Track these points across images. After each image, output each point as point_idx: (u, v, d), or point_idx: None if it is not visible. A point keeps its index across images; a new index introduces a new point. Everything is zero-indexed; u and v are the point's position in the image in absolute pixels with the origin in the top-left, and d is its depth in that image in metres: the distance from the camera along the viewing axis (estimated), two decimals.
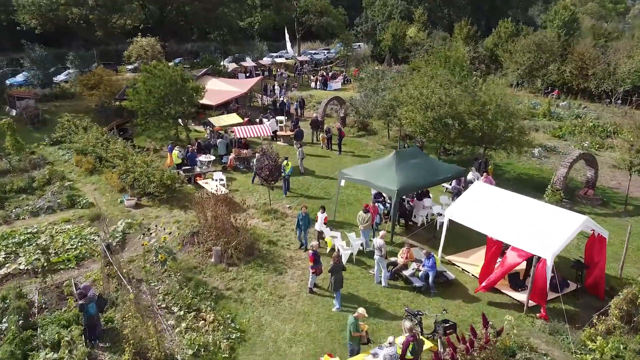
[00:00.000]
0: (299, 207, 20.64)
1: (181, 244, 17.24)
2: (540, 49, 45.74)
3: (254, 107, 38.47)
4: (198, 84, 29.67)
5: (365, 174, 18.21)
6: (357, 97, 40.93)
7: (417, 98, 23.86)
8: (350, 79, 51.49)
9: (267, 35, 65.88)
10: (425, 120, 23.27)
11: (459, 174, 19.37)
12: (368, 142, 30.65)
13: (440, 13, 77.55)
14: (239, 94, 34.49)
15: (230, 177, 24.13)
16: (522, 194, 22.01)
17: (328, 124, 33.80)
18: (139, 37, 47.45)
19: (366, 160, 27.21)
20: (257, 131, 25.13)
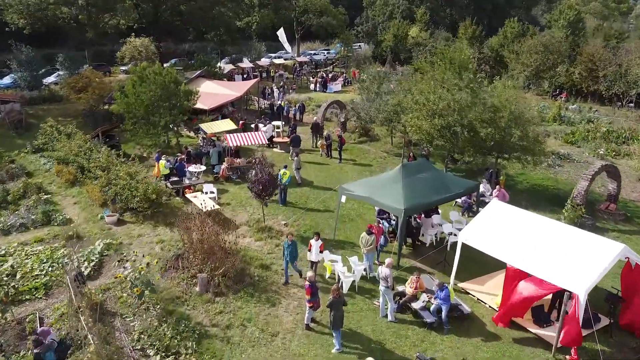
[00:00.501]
0: (295, 223, 18.87)
1: (164, 268, 15.41)
2: (548, 50, 43.90)
3: (251, 111, 36.62)
4: (191, 88, 27.82)
5: (369, 189, 16.36)
6: (358, 100, 39.23)
7: (424, 104, 22.02)
8: (350, 80, 49.67)
9: (266, 35, 63.96)
10: (432, 128, 21.43)
11: (472, 189, 17.51)
12: (370, 148, 28.80)
13: (443, 13, 75.65)
14: (234, 97, 32.65)
15: (222, 188, 22.29)
16: (538, 209, 20.62)
17: (328, 129, 31.97)
18: (132, 37, 45.75)
19: (368, 168, 25.38)
20: (251, 139, 23.28)
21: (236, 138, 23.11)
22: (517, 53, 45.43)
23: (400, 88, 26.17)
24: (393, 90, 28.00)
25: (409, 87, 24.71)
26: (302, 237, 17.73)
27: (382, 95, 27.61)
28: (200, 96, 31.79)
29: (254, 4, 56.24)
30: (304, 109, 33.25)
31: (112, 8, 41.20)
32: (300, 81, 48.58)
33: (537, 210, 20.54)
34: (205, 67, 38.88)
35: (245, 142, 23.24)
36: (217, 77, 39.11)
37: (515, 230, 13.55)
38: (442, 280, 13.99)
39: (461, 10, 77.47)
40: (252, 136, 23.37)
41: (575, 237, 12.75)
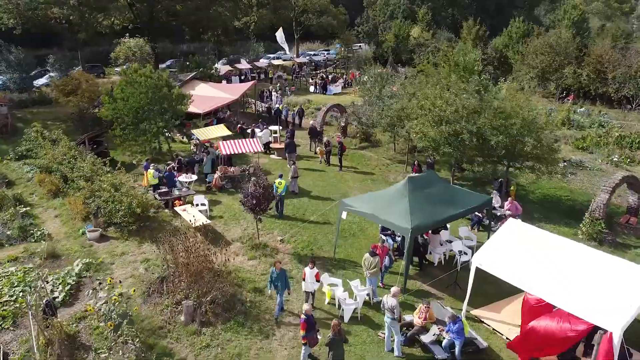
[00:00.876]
0: (292, 239, 17.41)
1: (146, 292, 13.96)
2: (555, 50, 42.45)
3: (247, 114, 35.14)
4: (184, 91, 26.34)
5: (372, 205, 14.89)
6: (359, 103, 37.76)
7: (429, 110, 20.55)
8: (350, 82, 48.18)
9: (265, 36, 62.46)
10: (438, 135, 19.96)
11: (486, 204, 16.03)
12: (372, 155, 27.32)
13: (444, 12, 74.14)
14: (230, 100, 31.17)
15: (214, 199, 20.83)
16: (552, 222, 19.17)
17: (327, 134, 30.50)
18: (126, 37, 44.36)
19: (370, 177, 23.90)
20: (245, 146, 21.80)
21: (229, 145, 21.64)
22: (523, 54, 43.98)
23: (404, 92, 24.66)
24: (396, 94, 26.52)
25: (414, 91, 23.21)
26: (299, 255, 16.30)
27: (385, 99, 26.12)
28: (194, 100, 30.43)
29: (252, 3, 54.79)
30: (303, 114, 31.69)
31: (105, 8, 39.70)
32: (299, 83, 47.09)
33: (552, 224, 19.17)
34: (200, 69, 37.39)
35: (239, 150, 21.76)
36: (212, 79, 37.63)
37: (536, 254, 12.08)
38: (453, 306, 12.58)
39: (463, 10, 76.00)
40: (246, 143, 21.90)
41: (604, 263, 11.30)
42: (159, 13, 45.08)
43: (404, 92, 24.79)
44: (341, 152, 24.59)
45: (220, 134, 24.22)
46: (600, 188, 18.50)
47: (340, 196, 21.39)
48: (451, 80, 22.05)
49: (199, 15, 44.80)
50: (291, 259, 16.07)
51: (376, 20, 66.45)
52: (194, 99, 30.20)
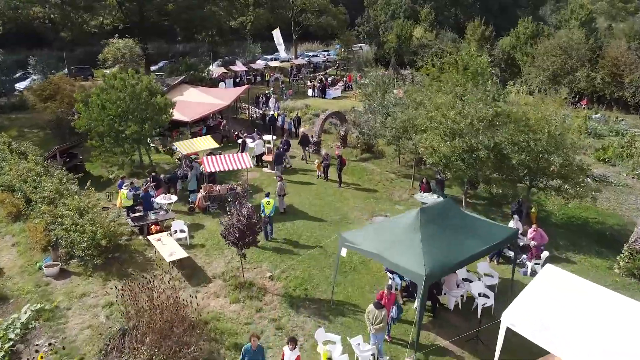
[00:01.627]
0: (284, 275, 14.89)
1: (104, 351, 11.43)
2: (566, 52, 39.90)
3: (241, 121, 32.58)
4: (172, 97, 23.81)
5: (377, 243, 12.33)
6: (360, 108, 35.20)
7: (440, 122, 17.99)
8: (350, 85, 45.60)
9: (262, 36, 59.85)
10: (451, 151, 17.40)
11: (512, 237, 13.48)
12: (374, 168, 24.76)
13: (447, 12, 71.53)
14: (220, 107, 28.62)
15: (197, 223, 18.32)
16: (580, 252, 16.63)
17: (326, 143, 27.96)
18: (115, 38, 41.80)
19: (373, 195, 21.34)
20: (232, 162, 19.26)
21: (214, 162, 19.10)
22: (533, 56, 41.41)
23: (410, 99, 22.07)
24: (401, 100, 23.96)
25: (421, 100, 20.63)
26: (291, 297, 13.77)
27: (389, 107, 23.58)
28: (182, 106, 27.95)
29: (248, 2, 52.22)
30: (300, 122, 28.99)
31: (90, 7, 37.16)
32: (297, 86, 44.50)
33: (582, 253, 16.69)
34: (191, 72, 34.82)
35: (226, 167, 19.20)
36: (204, 82, 35.07)
37: (578, 313, 9.58)
38: None
39: (466, 10, 73.38)
40: (234, 159, 19.35)
41: None
42: (150, 12, 42.59)
43: (409, 100, 22.18)
44: (340, 166, 22.03)
45: (206, 147, 21.67)
46: (632, 209, 15.94)
47: (340, 218, 18.93)
48: (466, 89, 19.41)
49: (191, 14, 42.27)
50: (281, 302, 13.53)
51: (377, 20, 63.82)
52: (181, 105, 27.82)
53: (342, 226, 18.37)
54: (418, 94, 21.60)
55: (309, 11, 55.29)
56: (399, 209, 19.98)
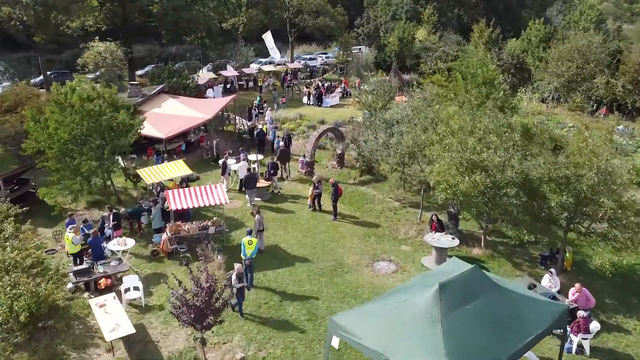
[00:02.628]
0: (260, 354, 11.40)
1: None
2: (584, 56, 36.33)
3: (227, 134, 29.00)
4: (136, 115, 20.29)
5: (382, 335, 8.85)
6: (359, 119, 31.70)
7: (458, 151, 14.47)
8: (349, 91, 42.07)
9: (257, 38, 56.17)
10: (471, 188, 13.88)
11: (563, 316, 9.98)
12: (375, 194, 21.21)
13: (450, 13, 67.90)
14: (202, 120, 25.07)
15: (160, 271, 14.85)
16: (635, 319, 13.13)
17: (320, 163, 24.45)
18: (95, 41, 38.29)
19: (374, 231, 17.82)
20: (204, 198, 15.74)
21: (180, 197, 15.56)
22: (546, 60, 37.84)
23: (418, 118, 18.45)
24: (407, 116, 20.40)
25: (433, 119, 17.03)
26: None
27: (393, 125, 20.06)
28: (158, 119, 24.52)
29: (241, 3, 48.63)
30: (290, 141, 25.12)
31: (66, 8, 33.57)
32: (291, 92, 40.90)
33: (634, 317, 13.16)
34: (174, 79, 31.26)
35: (196, 204, 15.68)
36: (187, 91, 31.54)
37: None
38: None
39: (470, 11, 69.77)
40: (206, 193, 15.83)
41: None
42: (132, 13, 39.01)
43: (418, 117, 18.56)
44: (336, 197, 18.48)
45: (177, 174, 18.16)
46: None
47: (334, 264, 15.46)
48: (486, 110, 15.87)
49: (176, 15, 38.64)
50: None
51: (377, 22, 60.21)
52: (157, 118, 24.38)
53: (337, 275, 14.94)
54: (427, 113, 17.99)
55: (306, 12, 51.66)
56: (406, 251, 16.51)
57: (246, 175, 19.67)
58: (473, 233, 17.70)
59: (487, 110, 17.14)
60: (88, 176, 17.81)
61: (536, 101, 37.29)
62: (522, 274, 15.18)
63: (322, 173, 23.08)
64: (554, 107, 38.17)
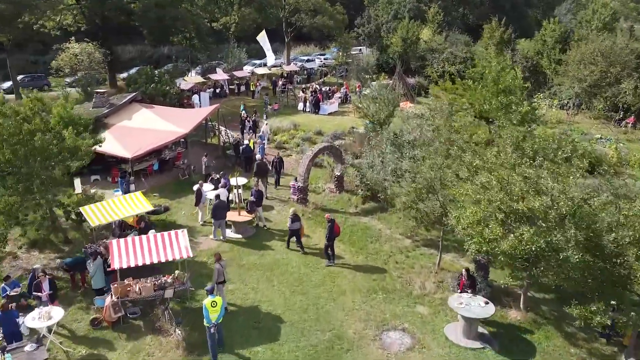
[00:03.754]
0: None
1: None
2: (608, 59, 32.44)
3: (210, 147, 25.07)
4: (87, 135, 16.34)
5: None
6: (360, 129, 27.82)
7: (498, 196, 10.53)
8: (350, 96, 38.14)
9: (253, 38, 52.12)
10: (517, 247, 9.97)
11: None
12: (382, 227, 17.31)
13: (455, 12, 63.90)
14: (177, 136, 21.13)
15: (101, 350, 10.98)
16: None
17: (315, 183, 20.55)
18: (71, 41, 34.42)
19: (381, 282, 13.94)
20: (159, 252, 11.84)
21: (128, 250, 11.66)
22: (566, 62, 33.94)
23: (439, 141, 14.41)
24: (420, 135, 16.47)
25: (457, 150, 13.01)
26: None
27: (405, 148, 16.14)
28: (126, 135, 20.70)
29: (233, 1, 44.60)
30: (282, 164, 20.91)
31: (29, 5, 29.63)
32: (286, 98, 36.91)
33: None
34: (153, 85, 27.33)
35: (146, 260, 11.76)
36: (168, 98, 27.63)
37: None
38: None
39: (476, 10, 65.76)
40: (163, 244, 11.92)
41: None
42: (112, 11, 35.05)
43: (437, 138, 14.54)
44: (331, 236, 14.61)
45: (132, 212, 14.24)
46: None
47: (330, 337, 11.67)
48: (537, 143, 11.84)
49: (160, 13, 34.69)
50: None
51: (378, 21, 56.21)
52: (124, 133, 20.56)
53: (334, 356, 11.07)
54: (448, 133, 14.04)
55: (303, 10, 47.66)
56: (423, 315, 12.65)
57: (215, 204, 15.83)
58: (508, 290, 13.80)
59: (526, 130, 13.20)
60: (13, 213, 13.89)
61: (555, 108, 33.41)
62: (579, 352, 11.34)
63: (318, 199, 19.21)
64: (574, 114, 34.26)
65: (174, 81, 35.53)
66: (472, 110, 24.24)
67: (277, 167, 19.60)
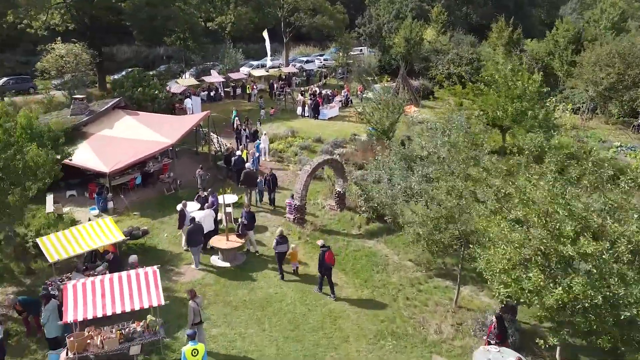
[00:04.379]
0: None
1: None
2: (625, 61, 30.32)
3: (201, 157, 22.98)
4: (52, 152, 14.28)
5: None
6: (363, 137, 25.77)
7: (543, 235, 8.43)
8: (351, 99, 36.07)
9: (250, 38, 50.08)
10: (566, 298, 7.89)
11: None
12: (388, 252, 15.22)
13: (459, 12, 61.76)
14: (162, 147, 19.00)
15: None
16: None
17: (314, 199, 18.46)
18: (57, 42, 32.36)
19: (390, 325, 11.85)
20: (123, 299, 9.74)
21: (86, 297, 9.56)
22: (580, 64, 31.82)
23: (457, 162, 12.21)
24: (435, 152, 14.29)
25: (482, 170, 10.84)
26: None
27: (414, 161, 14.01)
28: (105, 146, 18.67)
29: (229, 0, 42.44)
30: (276, 183, 18.28)
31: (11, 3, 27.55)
32: (284, 102, 34.75)
33: None
34: (140, 89, 25.22)
35: (109, 310, 9.66)
36: (156, 103, 25.55)
37: None
38: None
39: (479, 9, 63.62)
40: (129, 289, 9.83)
41: None
42: (99, 10, 32.97)
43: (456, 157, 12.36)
44: (323, 266, 12.53)
45: (98, 244, 12.13)
46: None
47: None
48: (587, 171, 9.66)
49: (151, 12, 32.60)
50: None
51: (380, 21, 54.07)
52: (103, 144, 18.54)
53: None
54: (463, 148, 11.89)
55: (302, 10, 45.47)
56: None
57: (189, 228, 13.79)
58: (536, 329, 11.72)
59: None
60: None
61: (569, 113, 31.28)
62: None
63: (317, 218, 17.13)
64: (588, 119, 32.14)
65: (165, 84, 33.52)
66: (485, 117, 22.19)
67: (270, 185, 17.41)
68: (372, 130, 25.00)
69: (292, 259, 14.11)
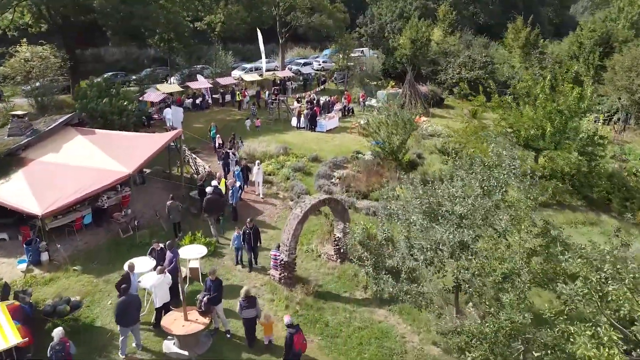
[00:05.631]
0: None
1: None
2: None
3: (171, 185, 18.81)
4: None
5: None
6: (367, 155, 21.69)
7: None
8: (352, 108, 31.99)
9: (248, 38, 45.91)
10: None
11: None
12: (406, 332, 11.12)
13: (465, 11, 57.59)
14: (117, 178, 14.84)
15: None
16: None
17: (308, 241, 14.35)
18: (22, 44, 28.41)
19: None
20: None
21: None
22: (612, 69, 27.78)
23: (517, 229, 8.07)
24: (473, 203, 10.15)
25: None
26: None
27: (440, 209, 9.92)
28: (44, 178, 14.61)
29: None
30: (258, 236, 13.22)
31: None
32: (277, 111, 30.54)
33: None
34: (106, 100, 21.10)
35: None
36: (125, 116, 21.42)
37: None
38: None
39: (488, 8, 59.48)
40: None
41: None
42: (67, 9, 28.84)
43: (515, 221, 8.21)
44: (292, 356, 8.43)
45: None
46: None
47: None
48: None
49: (127, 11, 28.49)
50: None
51: (382, 20, 49.93)
52: (42, 176, 14.49)
53: None
54: None
55: (299, 8, 41.31)
56: None
57: (119, 301, 9.76)
58: None
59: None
60: None
61: (601, 124, 27.24)
62: None
63: (310, 272, 13.04)
64: (620, 131, 28.07)
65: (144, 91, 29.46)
66: (516, 136, 18.11)
67: (250, 242, 13.06)
68: (376, 144, 20.97)
69: (266, 331, 10.12)
